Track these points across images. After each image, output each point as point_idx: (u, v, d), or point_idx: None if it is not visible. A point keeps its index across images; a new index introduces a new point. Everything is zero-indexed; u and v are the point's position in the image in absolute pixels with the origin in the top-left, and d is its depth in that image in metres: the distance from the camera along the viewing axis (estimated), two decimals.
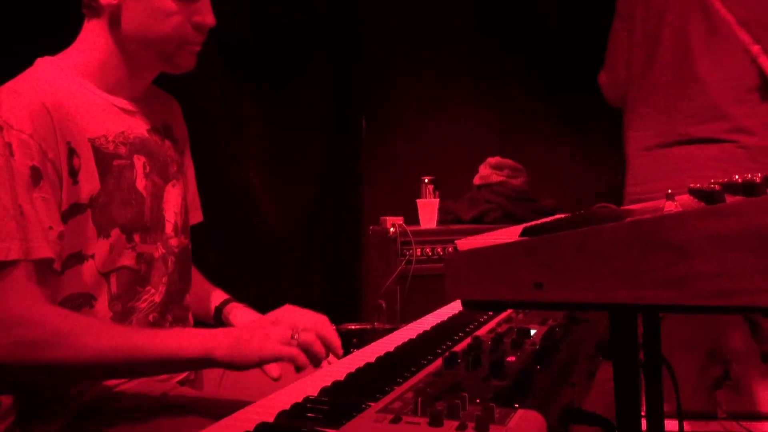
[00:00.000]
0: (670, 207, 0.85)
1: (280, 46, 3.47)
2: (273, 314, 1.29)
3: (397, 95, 3.97)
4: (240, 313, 1.48)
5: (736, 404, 2.62)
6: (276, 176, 3.48)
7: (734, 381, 2.59)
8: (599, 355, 1.09)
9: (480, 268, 0.69)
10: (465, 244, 0.70)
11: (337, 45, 3.82)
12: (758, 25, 2.07)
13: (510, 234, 0.75)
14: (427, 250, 2.90)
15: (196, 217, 1.56)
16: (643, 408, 1.13)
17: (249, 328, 1.13)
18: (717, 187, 0.75)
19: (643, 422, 0.99)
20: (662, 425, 1.20)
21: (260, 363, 1.10)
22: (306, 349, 1.11)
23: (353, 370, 0.94)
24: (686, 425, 2.58)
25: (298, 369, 1.09)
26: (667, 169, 2.18)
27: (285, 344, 1.10)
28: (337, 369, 0.96)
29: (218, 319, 1.50)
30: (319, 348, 1.13)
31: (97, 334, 1.10)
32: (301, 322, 1.15)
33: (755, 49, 2.05)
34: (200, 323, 1.49)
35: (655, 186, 2.13)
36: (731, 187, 0.74)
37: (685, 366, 2.68)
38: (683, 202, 1.07)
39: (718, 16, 2.11)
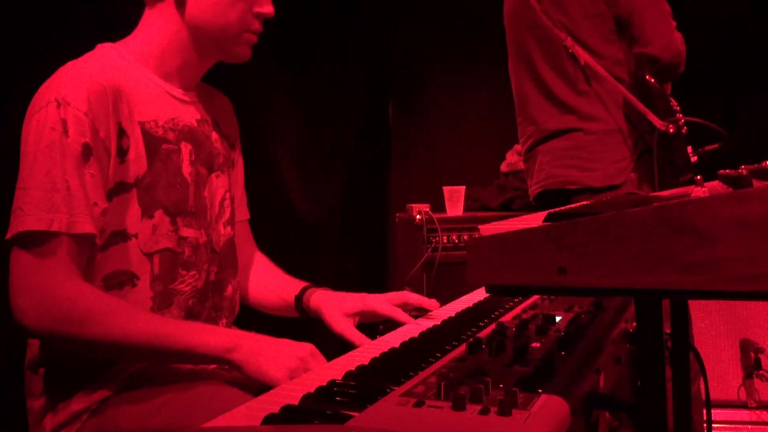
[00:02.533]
0: (698, 193, 0.84)
1: (312, 34, 3.47)
2: (305, 349, 1.18)
3: (425, 82, 3.95)
4: (320, 296, 1.46)
5: (767, 394, 2.59)
6: (304, 164, 3.49)
7: (766, 370, 2.55)
8: (625, 341, 1.08)
9: (503, 254, 0.69)
10: (488, 229, 0.70)
11: (369, 33, 3.81)
12: (570, 22, 2.24)
13: (534, 219, 0.75)
14: (454, 237, 2.90)
15: (243, 213, 1.59)
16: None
17: (277, 346, 1.15)
18: (744, 172, 0.74)
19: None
20: (689, 414, 1.19)
21: (263, 381, 1.10)
22: None
23: (378, 354, 0.95)
24: (717, 414, 2.56)
25: None
26: (537, 163, 2.35)
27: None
28: (362, 354, 0.97)
29: (300, 308, 1.49)
30: None
31: (127, 317, 1.14)
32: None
33: (569, 42, 2.22)
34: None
35: (533, 180, 2.37)
36: (759, 173, 0.73)
37: (716, 355, 2.66)
38: (712, 187, 1.06)
39: (541, 21, 2.29)
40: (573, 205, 1.04)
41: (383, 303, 1.38)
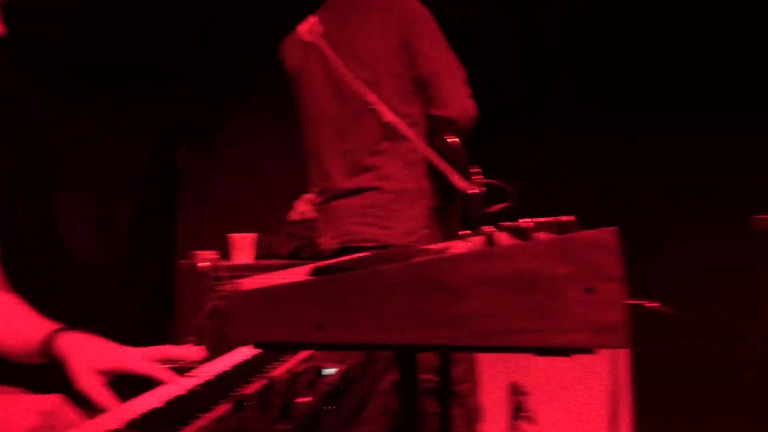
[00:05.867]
0: (457, 248, 0.89)
1: (101, 71, 3.31)
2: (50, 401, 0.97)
3: (220, 126, 3.90)
4: (70, 342, 1.20)
5: None
6: (91, 212, 3.31)
7: (529, 410, 2.74)
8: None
9: (266, 309, 0.67)
10: (250, 283, 0.68)
11: (162, 73, 3.70)
12: (374, 79, 2.22)
13: (298, 273, 0.74)
14: None
15: None
16: None
17: (9, 403, 0.95)
18: (530, 225, 0.79)
19: None
20: None
21: None
22: None
23: (138, 415, 0.88)
24: None
25: None
26: (334, 219, 2.40)
27: None
28: (120, 414, 0.90)
29: (47, 354, 1.21)
30: None
31: None
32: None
33: (371, 97, 2.06)
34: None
35: (329, 235, 2.40)
36: (515, 231, 0.79)
37: (491, 398, 2.82)
38: (478, 241, 1.12)
39: (339, 76, 2.14)
40: (341, 259, 1.05)
41: (141, 361, 1.19)
